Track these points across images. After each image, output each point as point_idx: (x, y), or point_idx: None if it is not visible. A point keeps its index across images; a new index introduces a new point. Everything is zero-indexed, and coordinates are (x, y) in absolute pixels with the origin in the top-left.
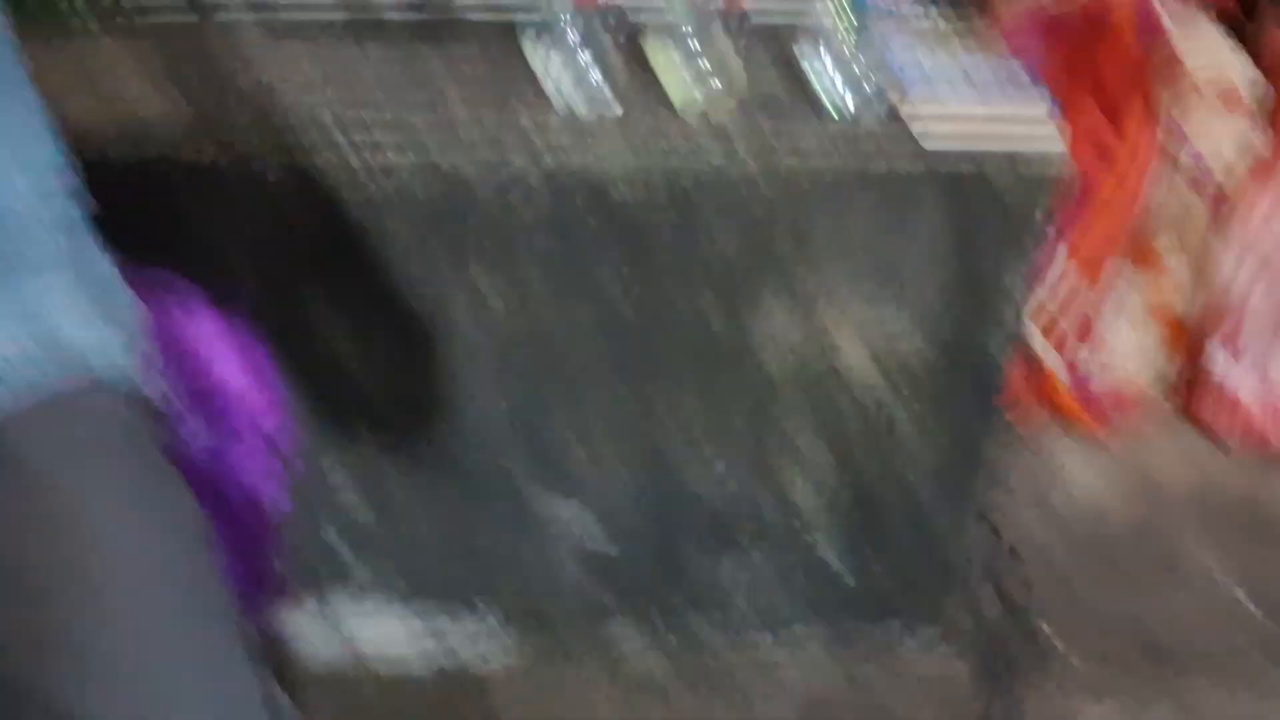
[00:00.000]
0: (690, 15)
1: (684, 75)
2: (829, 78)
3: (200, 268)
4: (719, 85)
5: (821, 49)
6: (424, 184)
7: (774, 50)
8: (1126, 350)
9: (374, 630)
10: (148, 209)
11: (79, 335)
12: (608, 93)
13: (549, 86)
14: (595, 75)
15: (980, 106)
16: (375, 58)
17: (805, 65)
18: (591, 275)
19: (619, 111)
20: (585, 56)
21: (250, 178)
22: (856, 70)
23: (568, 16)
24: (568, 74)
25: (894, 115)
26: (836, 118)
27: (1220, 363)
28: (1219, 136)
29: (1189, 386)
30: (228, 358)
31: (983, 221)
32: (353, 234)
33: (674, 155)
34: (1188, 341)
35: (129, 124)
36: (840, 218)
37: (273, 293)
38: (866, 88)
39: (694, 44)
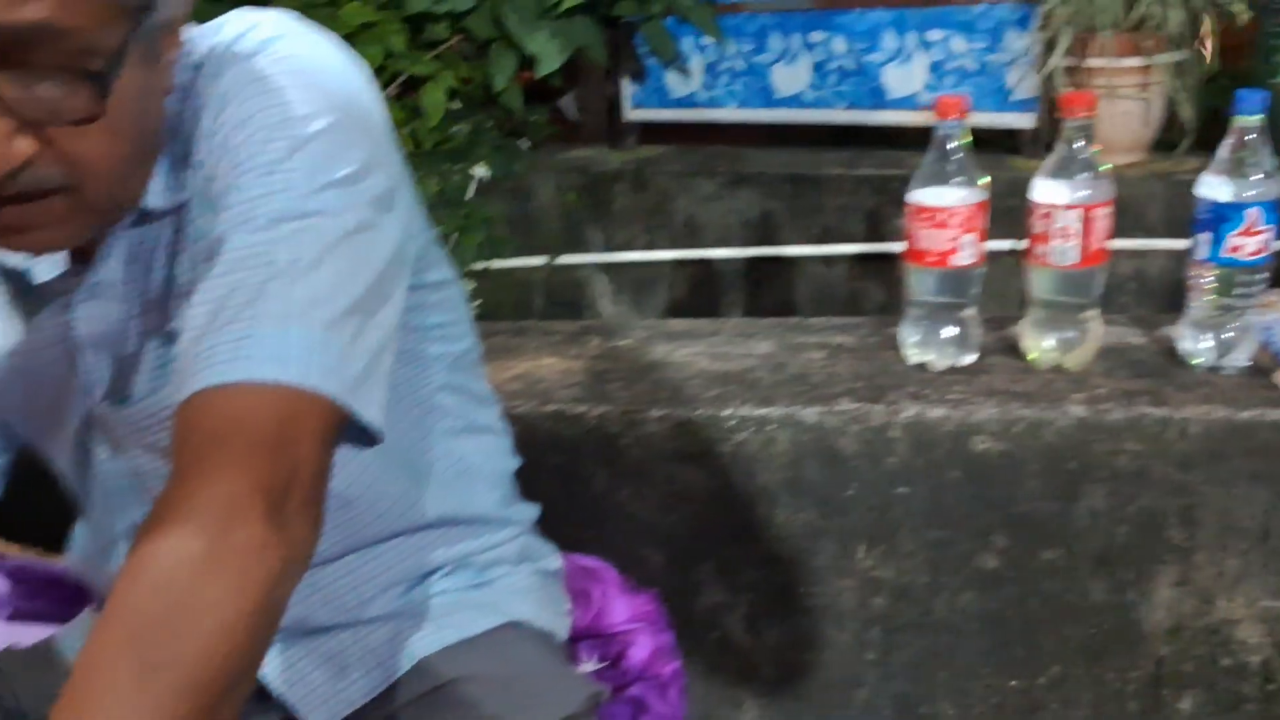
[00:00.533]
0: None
1: (1040, 326)
2: (1191, 329)
3: (592, 517)
4: (1076, 335)
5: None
6: (790, 435)
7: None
8: None
9: None
10: (551, 462)
11: (521, 608)
12: (967, 345)
13: (906, 337)
14: (952, 327)
15: None
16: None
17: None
18: (966, 540)
19: (973, 360)
20: (945, 311)
21: (638, 436)
22: (1220, 322)
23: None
24: (924, 325)
25: (1259, 369)
26: (1201, 369)
27: None
28: None
29: None
30: (626, 608)
31: None
32: (727, 486)
33: (1033, 404)
34: None
35: (536, 385)
36: (1219, 477)
37: (668, 557)
38: (1231, 340)
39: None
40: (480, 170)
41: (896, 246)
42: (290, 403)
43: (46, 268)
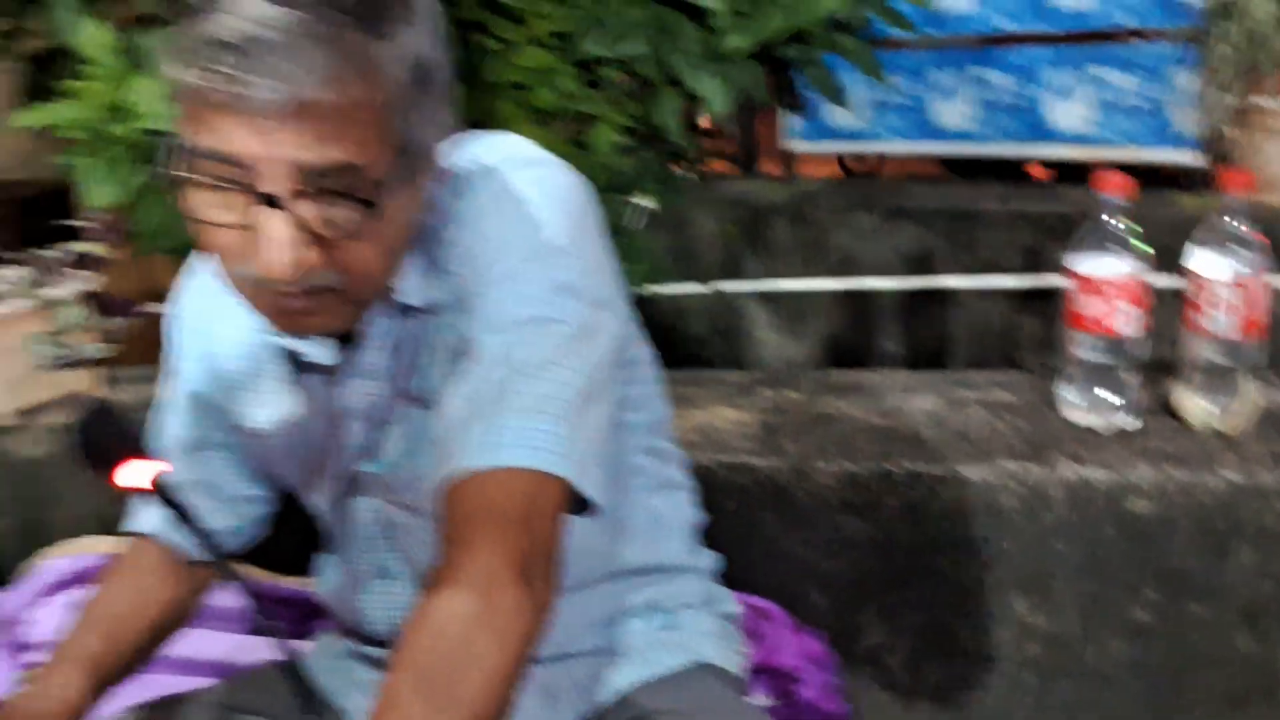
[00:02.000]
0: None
1: (1197, 389)
2: None
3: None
4: (1233, 400)
5: None
6: (952, 491)
7: None
8: None
9: None
10: (725, 507)
11: (706, 649)
12: (1126, 408)
13: (1068, 399)
14: (1112, 392)
15: None
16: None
17: None
18: (1118, 593)
19: (1136, 425)
20: (1105, 374)
21: (807, 487)
22: None
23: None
24: (1083, 386)
25: None
26: None
27: None
28: None
29: None
30: (796, 647)
31: None
32: (890, 535)
33: (1187, 467)
34: None
35: (712, 436)
36: None
37: (832, 599)
38: None
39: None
40: (644, 201)
41: (1055, 281)
42: (534, 485)
43: (319, 350)
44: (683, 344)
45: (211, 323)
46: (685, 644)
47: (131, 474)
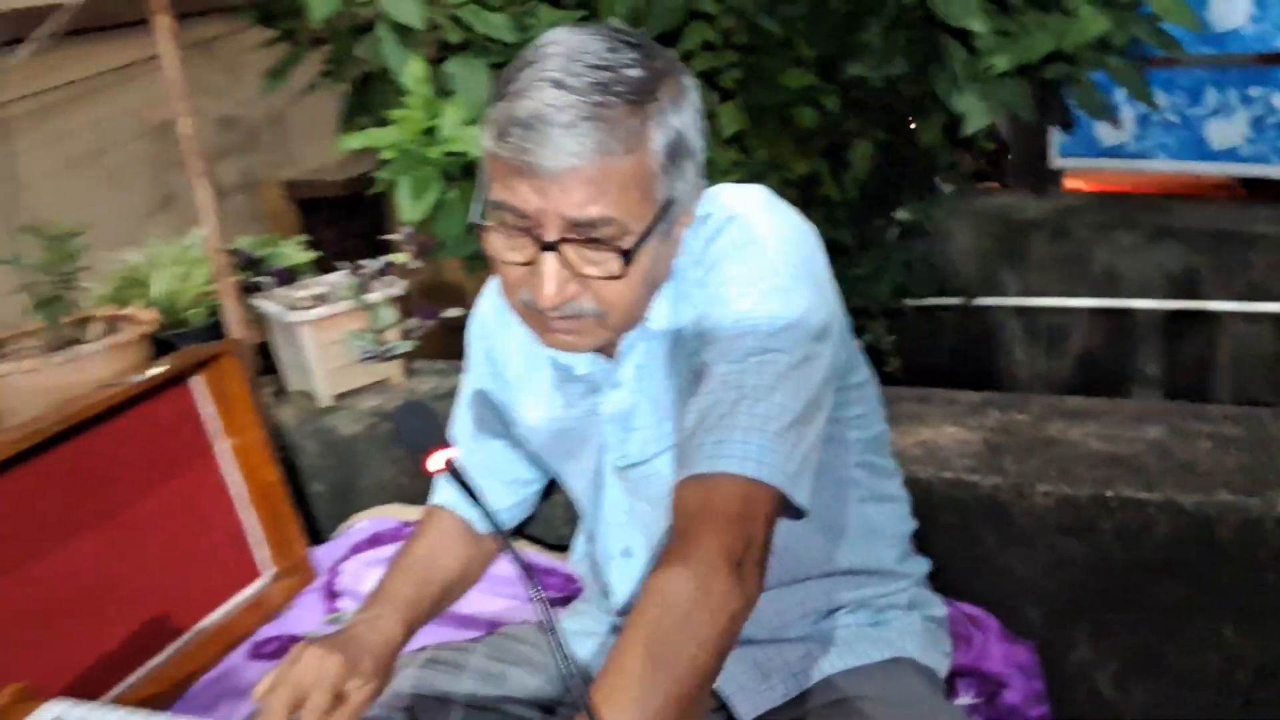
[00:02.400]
0: None
1: None
2: None
3: (979, 571)
4: None
5: None
6: (1169, 519)
7: None
8: None
9: None
10: (945, 520)
11: (910, 646)
12: None
13: None
14: None
15: None
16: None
17: None
18: None
19: None
20: None
21: (1026, 507)
22: None
23: None
24: None
25: None
26: None
27: None
28: None
29: None
30: (1004, 654)
31: None
32: (1105, 558)
33: None
34: None
35: (936, 453)
36: None
37: (1045, 613)
38: None
39: None
40: (900, 214)
41: None
42: (750, 491)
43: (582, 363)
44: (936, 356)
45: (498, 334)
46: (890, 640)
47: (436, 459)
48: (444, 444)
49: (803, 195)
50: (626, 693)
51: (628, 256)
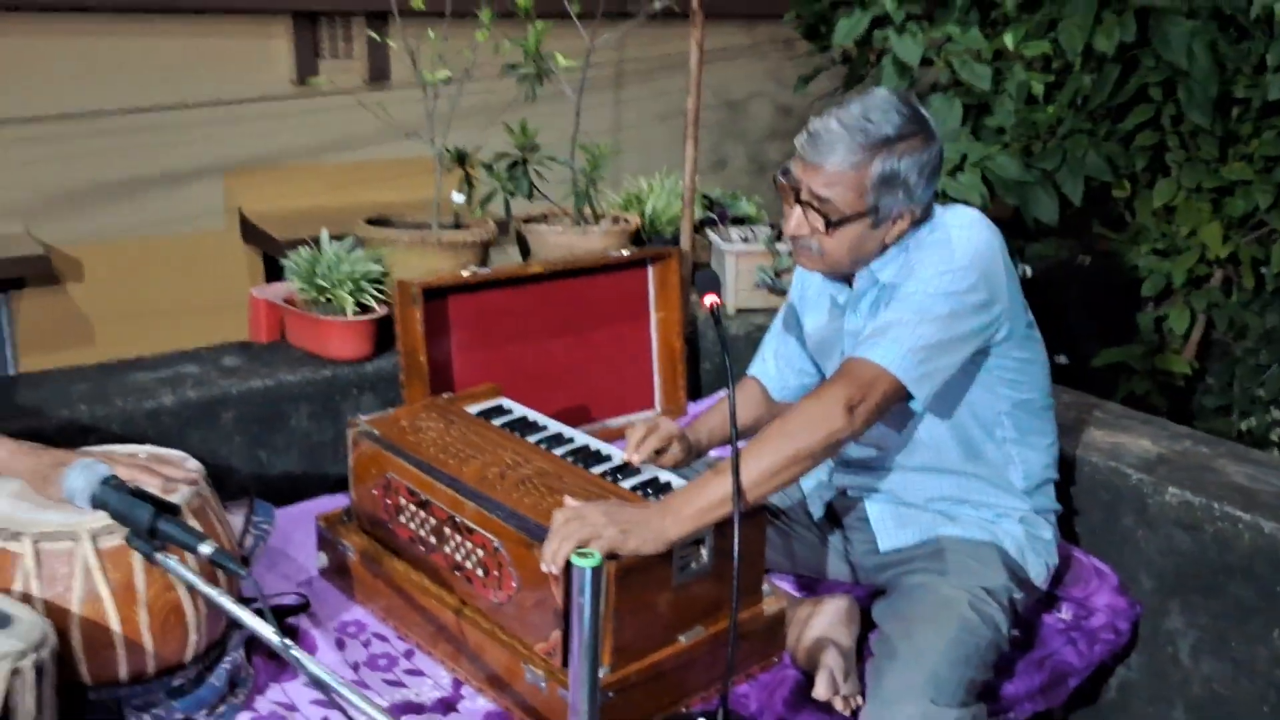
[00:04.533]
0: None
1: None
2: None
3: (1109, 542)
4: None
5: None
6: (1251, 537)
7: None
8: None
9: None
10: (1100, 501)
11: (1008, 545)
12: None
13: None
14: None
15: None
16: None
17: None
18: None
19: None
20: None
21: (1158, 500)
22: None
23: None
24: None
25: None
26: None
27: None
28: None
29: None
30: (1109, 599)
31: None
32: (1202, 555)
33: None
34: None
35: (1115, 451)
36: None
37: (1157, 583)
38: None
39: None
40: None
41: None
42: (879, 374)
43: (842, 296)
44: None
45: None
46: (993, 533)
47: (709, 299)
48: (717, 294)
49: (1224, 277)
50: (760, 443)
51: (829, 224)
